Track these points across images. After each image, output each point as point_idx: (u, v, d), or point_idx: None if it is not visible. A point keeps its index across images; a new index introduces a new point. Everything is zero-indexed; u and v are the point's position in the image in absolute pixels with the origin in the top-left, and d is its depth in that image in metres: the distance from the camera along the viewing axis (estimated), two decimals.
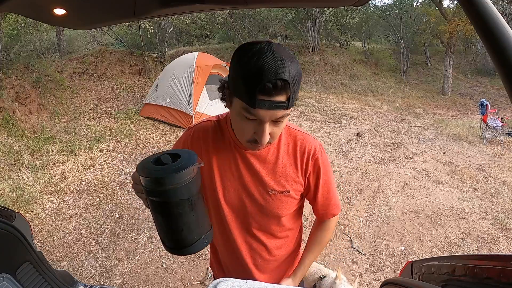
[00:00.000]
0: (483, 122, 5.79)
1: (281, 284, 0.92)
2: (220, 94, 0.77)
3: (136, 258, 2.62)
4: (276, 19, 11.92)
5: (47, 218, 3.12)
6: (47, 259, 1.25)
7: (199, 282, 2.39)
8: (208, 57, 6.29)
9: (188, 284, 2.37)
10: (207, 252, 2.49)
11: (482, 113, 5.77)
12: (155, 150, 4.76)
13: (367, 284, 2.39)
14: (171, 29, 9.50)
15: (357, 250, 2.74)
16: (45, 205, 3.32)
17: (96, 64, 7.40)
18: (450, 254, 2.70)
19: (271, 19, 11.71)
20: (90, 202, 3.42)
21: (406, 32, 12.86)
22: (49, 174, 3.87)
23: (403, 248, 2.79)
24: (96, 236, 2.90)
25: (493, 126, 5.66)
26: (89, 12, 0.94)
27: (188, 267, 2.52)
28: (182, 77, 5.58)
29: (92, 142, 4.75)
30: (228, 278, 0.78)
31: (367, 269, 2.55)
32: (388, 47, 15.35)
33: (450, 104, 10.18)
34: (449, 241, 2.88)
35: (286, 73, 0.62)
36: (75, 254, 2.66)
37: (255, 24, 11.51)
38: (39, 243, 2.74)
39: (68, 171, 3.97)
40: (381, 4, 22.33)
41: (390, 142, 5.56)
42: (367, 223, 3.15)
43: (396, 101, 9.77)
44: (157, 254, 2.66)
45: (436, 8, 11.39)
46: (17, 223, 1.19)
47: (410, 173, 4.30)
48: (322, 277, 1.55)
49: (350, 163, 4.57)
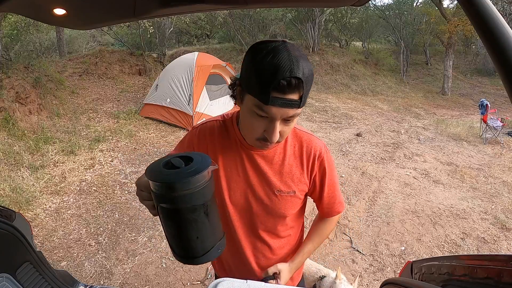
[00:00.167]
0: (483, 122, 5.79)
1: (279, 271, 0.91)
2: (231, 91, 0.78)
3: (136, 258, 2.62)
4: (276, 19, 11.91)
5: (47, 218, 3.12)
6: (47, 259, 1.25)
7: (199, 282, 2.39)
8: (208, 57, 6.29)
9: (188, 284, 2.37)
10: None
11: (482, 113, 5.77)
12: (155, 150, 4.76)
13: (367, 284, 2.39)
14: (171, 29, 9.50)
15: (357, 250, 2.74)
16: (45, 205, 3.32)
17: (96, 64, 7.40)
18: (450, 254, 2.70)
19: (271, 19, 11.70)
20: (90, 202, 3.42)
21: (406, 32, 12.86)
22: (49, 174, 3.87)
23: (403, 248, 2.79)
24: (96, 236, 2.90)
25: (493, 126, 5.66)
26: (89, 12, 0.94)
27: (188, 267, 2.51)
28: (182, 77, 5.58)
29: (92, 142, 4.75)
30: (228, 278, 0.78)
31: (367, 269, 2.55)
32: (388, 47, 15.35)
33: (450, 104, 10.18)
34: (449, 241, 2.88)
35: (300, 72, 0.63)
36: (75, 254, 2.66)
37: (255, 24, 11.50)
38: (39, 243, 2.74)
39: (68, 171, 3.97)
40: (381, 4, 22.35)
41: (390, 142, 5.56)
42: (367, 223, 3.15)
43: (396, 101, 9.77)
44: (157, 254, 2.66)
45: (436, 8, 11.39)
46: (17, 223, 1.19)
47: (410, 173, 4.30)
48: (322, 277, 1.55)
49: (350, 163, 4.57)
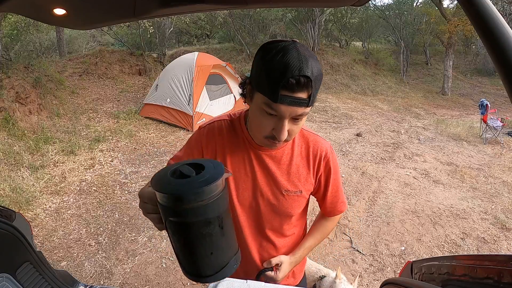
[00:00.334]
0: (483, 122, 5.79)
1: (280, 262, 0.92)
2: (241, 90, 0.79)
3: (136, 258, 2.62)
4: (276, 19, 11.90)
5: (47, 218, 3.12)
6: (47, 259, 1.25)
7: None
8: (208, 57, 6.29)
9: (188, 284, 2.37)
10: None
11: (482, 113, 5.77)
12: (155, 150, 4.76)
13: (367, 284, 2.39)
14: (171, 29, 9.50)
15: (357, 250, 2.74)
16: (45, 205, 3.32)
17: (96, 64, 7.40)
18: (450, 254, 2.70)
19: (271, 19, 11.69)
20: (90, 202, 3.42)
21: (406, 32, 12.86)
22: (49, 174, 3.87)
23: (403, 248, 2.79)
24: (96, 236, 2.90)
25: (493, 126, 5.66)
26: (89, 12, 0.94)
27: None
28: (182, 77, 5.58)
29: (92, 142, 4.75)
30: (228, 278, 0.78)
31: (367, 269, 2.55)
32: (388, 47, 15.35)
33: (450, 104, 10.17)
34: (449, 241, 2.88)
35: (309, 71, 0.64)
36: (75, 254, 2.66)
37: (255, 24, 11.50)
38: (39, 243, 2.74)
39: (68, 171, 3.97)
40: (381, 4, 22.36)
41: (390, 142, 5.56)
42: (367, 223, 3.15)
43: (396, 101, 9.77)
44: (157, 254, 2.66)
45: (436, 8, 11.39)
46: (17, 223, 1.19)
47: (410, 173, 4.30)
48: (322, 277, 1.55)
49: (350, 163, 4.57)
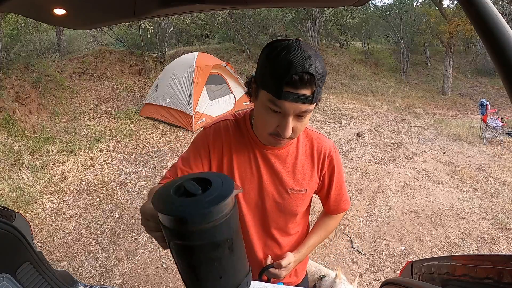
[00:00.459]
0: (483, 122, 5.79)
1: (285, 257, 0.92)
2: (246, 88, 0.80)
3: (136, 258, 2.62)
4: (276, 19, 11.89)
5: (47, 218, 3.12)
6: (47, 259, 1.25)
7: None
8: (208, 57, 6.29)
9: None
10: None
11: (482, 113, 5.77)
12: (155, 150, 4.76)
13: (367, 284, 2.39)
14: (171, 29, 9.49)
15: (357, 250, 2.74)
16: (45, 205, 3.32)
17: (96, 64, 7.40)
18: (450, 254, 2.70)
19: (271, 19, 11.67)
20: (90, 202, 3.42)
21: (406, 32, 12.86)
22: (49, 174, 3.87)
23: (403, 248, 2.79)
24: (96, 236, 2.90)
25: (493, 126, 5.66)
26: (89, 12, 0.94)
27: None
28: (182, 77, 5.58)
29: (92, 142, 4.75)
30: None
31: (367, 269, 2.54)
32: (388, 47, 15.35)
33: (450, 104, 10.17)
34: (449, 241, 2.88)
35: (313, 68, 0.65)
36: (75, 254, 2.66)
37: (255, 24, 11.49)
38: (39, 243, 2.74)
39: (68, 171, 3.97)
40: (381, 4, 22.36)
41: (390, 142, 5.56)
42: (367, 223, 3.15)
43: (396, 101, 9.76)
44: (157, 254, 2.66)
45: (436, 8, 11.39)
46: (17, 223, 1.18)
47: (410, 173, 4.30)
48: (322, 277, 1.55)
49: (350, 163, 4.57)
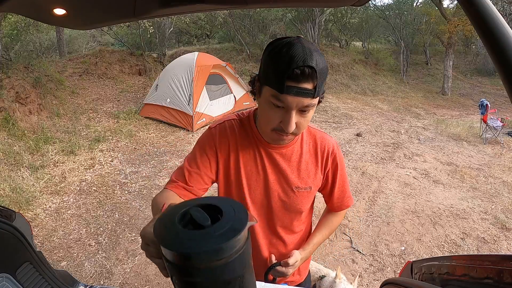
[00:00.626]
0: (483, 122, 5.79)
1: (291, 255, 0.92)
2: (250, 87, 0.81)
3: (136, 258, 2.62)
4: (276, 19, 11.89)
5: (47, 218, 3.12)
6: (47, 259, 1.25)
7: None
8: (208, 57, 6.29)
9: None
10: None
11: (482, 113, 5.76)
12: (155, 150, 4.76)
13: (367, 284, 2.39)
14: (171, 29, 9.50)
15: (357, 250, 2.74)
16: (45, 205, 3.32)
17: (96, 64, 7.40)
18: (450, 254, 2.70)
19: (271, 19, 11.67)
20: (90, 202, 3.42)
21: (406, 32, 12.86)
22: (49, 174, 3.87)
23: (403, 248, 2.79)
24: (96, 236, 2.90)
25: (493, 126, 5.65)
26: (89, 12, 0.94)
27: None
28: (182, 77, 5.58)
29: (92, 142, 4.75)
30: None
31: (367, 269, 2.54)
32: (388, 47, 15.34)
33: (450, 104, 10.17)
34: (449, 241, 2.88)
35: (314, 62, 0.66)
36: (75, 254, 2.66)
37: (255, 24, 11.48)
38: (39, 243, 2.74)
39: (68, 171, 3.97)
40: (381, 4, 22.34)
41: (390, 142, 5.56)
42: (367, 223, 3.15)
43: (396, 101, 9.76)
44: None
45: (436, 8, 11.38)
46: (17, 223, 1.18)
47: (410, 173, 4.30)
48: (322, 277, 1.55)
49: (350, 163, 4.56)
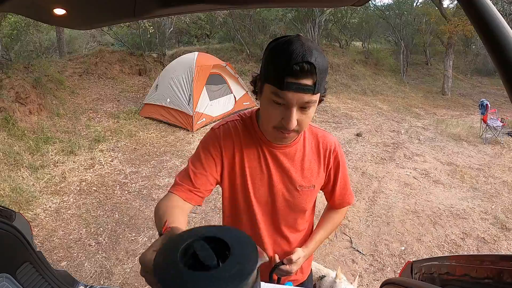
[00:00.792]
0: (483, 122, 5.79)
1: (294, 252, 0.93)
2: (252, 87, 0.82)
3: (136, 258, 2.62)
4: (276, 19, 11.89)
5: (47, 218, 3.12)
6: (47, 259, 1.25)
7: None
8: (208, 57, 6.28)
9: None
10: None
11: (482, 113, 5.76)
12: (155, 150, 4.76)
13: (367, 284, 2.39)
14: (171, 29, 9.48)
15: (357, 250, 2.74)
16: (45, 205, 3.32)
17: (96, 64, 7.39)
18: (450, 254, 2.70)
19: (271, 19, 11.67)
20: (90, 202, 3.42)
21: (406, 32, 12.84)
22: (49, 174, 3.87)
23: (403, 248, 2.79)
24: (96, 236, 2.90)
25: (493, 126, 5.65)
26: (89, 12, 0.94)
27: None
28: (182, 77, 5.58)
29: (92, 142, 4.75)
30: None
31: (367, 269, 2.54)
32: (388, 47, 15.32)
33: (450, 104, 10.16)
34: (449, 241, 2.88)
35: (313, 58, 0.66)
36: (75, 254, 2.65)
37: (255, 24, 11.48)
38: (39, 243, 2.74)
39: (68, 171, 3.97)
40: (381, 4, 22.30)
41: (390, 142, 5.56)
42: (367, 223, 3.15)
43: (396, 101, 9.75)
44: None
45: (436, 8, 11.37)
46: (17, 223, 1.19)
47: (410, 173, 4.30)
48: (322, 277, 1.55)
49: (350, 163, 4.56)
